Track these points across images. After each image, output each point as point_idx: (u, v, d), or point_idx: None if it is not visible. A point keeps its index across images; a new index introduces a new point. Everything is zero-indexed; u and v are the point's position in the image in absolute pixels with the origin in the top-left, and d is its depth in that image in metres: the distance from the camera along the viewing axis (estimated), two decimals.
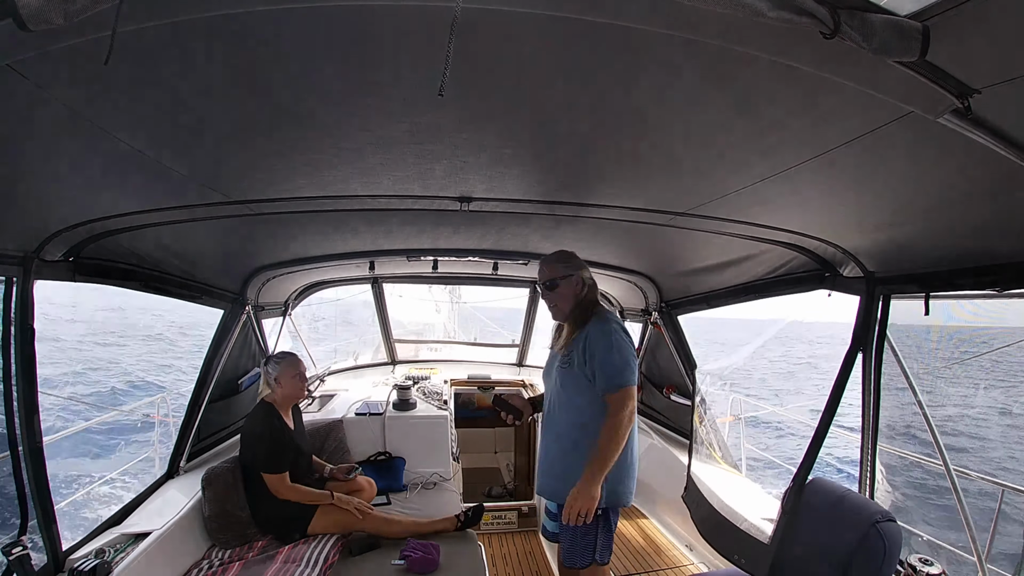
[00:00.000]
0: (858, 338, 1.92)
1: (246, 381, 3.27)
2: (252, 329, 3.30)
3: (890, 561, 1.65)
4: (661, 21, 0.71)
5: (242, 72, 0.90)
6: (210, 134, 1.18)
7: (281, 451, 2.53)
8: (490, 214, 1.99)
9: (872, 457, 2.02)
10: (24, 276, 1.65)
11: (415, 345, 6.32)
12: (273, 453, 2.50)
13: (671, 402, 3.49)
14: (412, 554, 2.33)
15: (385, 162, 1.38)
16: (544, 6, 0.70)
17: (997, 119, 0.88)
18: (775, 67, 0.81)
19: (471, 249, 2.94)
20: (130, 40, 0.73)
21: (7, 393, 1.66)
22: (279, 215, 1.94)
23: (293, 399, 2.76)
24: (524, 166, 1.41)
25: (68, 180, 1.38)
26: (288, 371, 2.68)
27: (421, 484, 3.47)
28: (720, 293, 2.83)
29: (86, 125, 1.04)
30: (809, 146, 1.12)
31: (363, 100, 1.01)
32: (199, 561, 2.28)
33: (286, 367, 2.69)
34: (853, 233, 1.69)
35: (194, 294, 2.60)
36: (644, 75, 0.90)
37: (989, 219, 1.30)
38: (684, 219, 1.86)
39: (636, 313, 3.97)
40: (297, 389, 2.72)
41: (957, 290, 1.61)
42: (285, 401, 2.71)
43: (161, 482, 2.61)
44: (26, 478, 1.72)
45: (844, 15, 0.64)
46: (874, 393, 1.99)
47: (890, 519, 1.70)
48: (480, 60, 0.86)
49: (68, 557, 1.87)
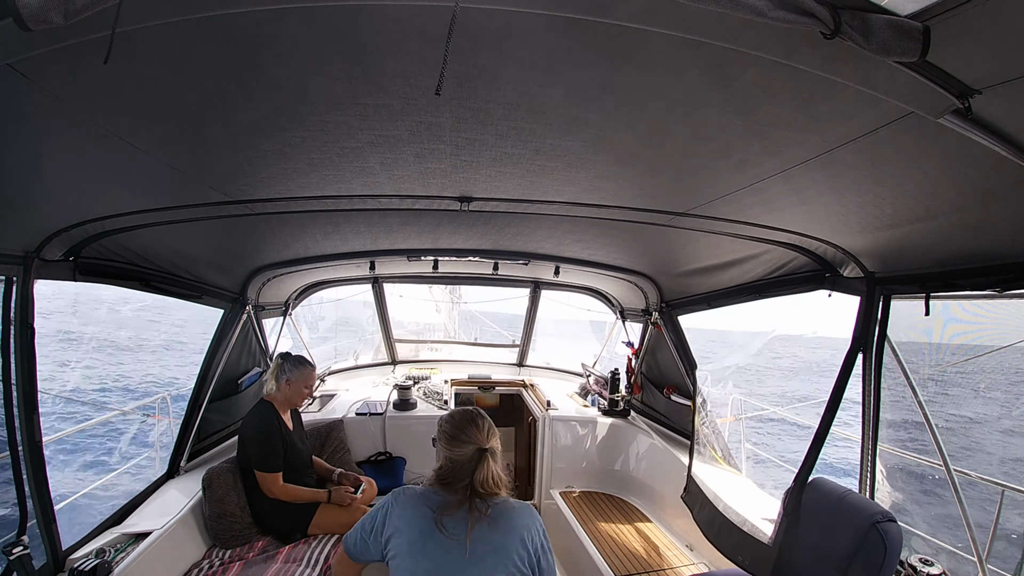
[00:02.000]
0: (858, 338, 1.92)
1: (246, 381, 3.27)
2: (252, 329, 3.31)
3: (890, 562, 1.65)
4: (661, 21, 0.71)
5: (242, 72, 0.90)
6: (210, 134, 1.18)
7: (276, 450, 2.53)
8: (490, 214, 1.99)
9: (872, 457, 2.02)
10: (24, 275, 1.65)
11: (415, 345, 6.33)
12: (267, 452, 2.50)
13: (671, 402, 3.48)
14: None
15: (385, 162, 1.38)
16: (544, 6, 0.70)
17: (997, 119, 0.88)
18: (775, 67, 0.81)
19: (471, 249, 2.94)
20: (130, 40, 0.73)
21: (7, 393, 1.66)
22: (279, 215, 1.94)
23: (293, 404, 2.78)
24: (524, 166, 1.41)
25: (68, 180, 1.38)
26: (302, 378, 2.71)
27: (421, 484, 3.47)
28: (720, 293, 2.82)
29: (86, 125, 1.04)
30: (810, 146, 1.12)
31: (363, 100, 1.01)
32: (199, 561, 2.27)
33: (302, 374, 2.71)
34: (853, 233, 1.69)
35: (194, 294, 2.60)
36: (644, 75, 0.90)
37: (989, 219, 1.30)
38: (684, 219, 1.86)
39: (636, 313, 3.97)
40: (300, 397, 2.75)
41: (957, 290, 1.60)
42: (285, 403, 2.72)
43: (161, 482, 2.61)
44: (26, 478, 1.72)
45: (845, 15, 0.64)
46: (874, 393, 1.98)
47: (890, 519, 1.70)
48: (479, 60, 0.86)
49: (68, 557, 1.87)
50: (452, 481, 1.52)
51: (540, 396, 4.27)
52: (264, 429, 2.54)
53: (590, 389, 4.38)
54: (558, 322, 13.79)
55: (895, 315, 1.92)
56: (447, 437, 1.57)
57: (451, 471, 1.53)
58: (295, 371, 2.69)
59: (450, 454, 1.54)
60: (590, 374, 4.48)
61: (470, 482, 1.49)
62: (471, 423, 1.57)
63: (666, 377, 3.62)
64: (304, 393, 2.74)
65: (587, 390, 4.44)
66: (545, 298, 5.00)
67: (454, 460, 1.53)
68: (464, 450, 1.52)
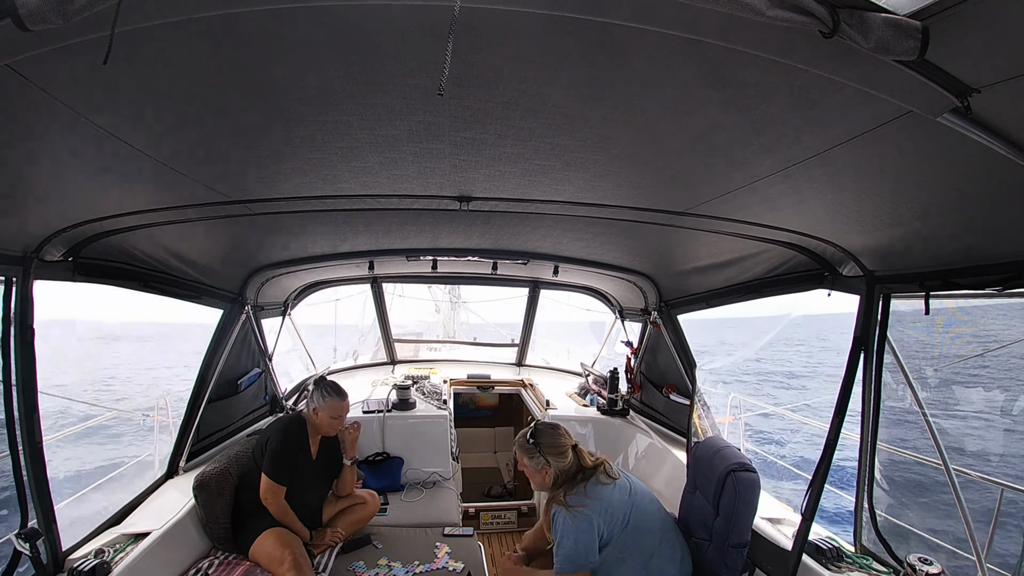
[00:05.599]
0: (859, 338, 1.92)
1: (245, 381, 3.27)
2: (251, 329, 3.31)
3: (745, 502, 1.98)
4: (660, 20, 0.71)
5: (241, 71, 0.90)
6: (210, 134, 1.18)
7: (289, 464, 2.47)
8: (489, 213, 1.99)
9: (871, 456, 2.02)
10: (24, 276, 1.65)
11: (415, 345, 6.34)
12: (280, 462, 2.44)
13: (670, 401, 3.49)
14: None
15: (385, 162, 1.38)
16: (543, 6, 0.70)
17: (997, 119, 0.88)
18: (774, 66, 0.81)
19: (470, 248, 2.94)
20: (129, 40, 0.73)
21: (7, 393, 1.66)
22: (279, 215, 1.94)
23: (324, 432, 2.67)
24: (523, 165, 1.41)
25: (67, 180, 1.38)
26: (330, 410, 2.58)
27: (420, 484, 3.47)
28: (719, 292, 2.82)
29: (85, 125, 1.04)
30: (808, 145, 1.12)
31: (362, 100, 1.01)
32: (199, 561, 2.28)
33: (330, 405, 2.58)
34: (852, 232, 1.69)
35: (193, 294, 2.60)
36: (644, 74, 0.90)
37: (989, 218, 1.30)
38: (683, 218, 1.86)
39: (636, 313, 3.97)
40: (329, 427, 2.63)
41: (957, 289, 1.60)
42: (317, 428, 2.63)
43: (161, 482, 2.61)
44: (26, 478, 1.72)
45: (843, 14, 0.64)
46: (874, 392, 1.99)
47: (747, 469, 2.03)
48: (479, 59, 0.86)
49: (68, 557, 1.87)
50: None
51: (539, 396, 4.27)
52: (285, 440, 2.49)
53: (589, 388, 4.38)
54: (557, 325, 13.54)
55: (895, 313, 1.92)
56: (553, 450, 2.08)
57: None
58: (323, 400, 2.58)
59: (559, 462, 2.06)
60: (589, 373, 4.48)
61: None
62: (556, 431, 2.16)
63: (665, 376, 3.62)
64: (334, 424, 2.61)
65: (586, 389, 4.44)
66: (544, 297, 5.01)
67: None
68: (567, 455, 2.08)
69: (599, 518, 1.91)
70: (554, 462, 2.04)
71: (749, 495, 2.00)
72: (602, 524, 1.91)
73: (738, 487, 1.99)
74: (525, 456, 2.11)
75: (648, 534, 1.98)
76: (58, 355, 43.99)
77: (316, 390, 2.62)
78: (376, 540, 2.67)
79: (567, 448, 2.08)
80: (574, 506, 1.93)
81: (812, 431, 6.25)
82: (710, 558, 2.05)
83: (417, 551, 2.57)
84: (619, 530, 1.94)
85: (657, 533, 2.01)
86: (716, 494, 2.08)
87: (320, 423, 2.60)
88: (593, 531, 1.90)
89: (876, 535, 2.04)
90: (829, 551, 1.97)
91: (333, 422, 2.61)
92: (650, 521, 2.02)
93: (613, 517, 1.94)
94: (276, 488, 2.41)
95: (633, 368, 4.05)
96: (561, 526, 1.92)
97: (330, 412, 2.58)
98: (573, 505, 1.93)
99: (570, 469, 2.04)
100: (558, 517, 1.94)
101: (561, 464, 2.04)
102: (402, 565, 2.46)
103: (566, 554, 1.89)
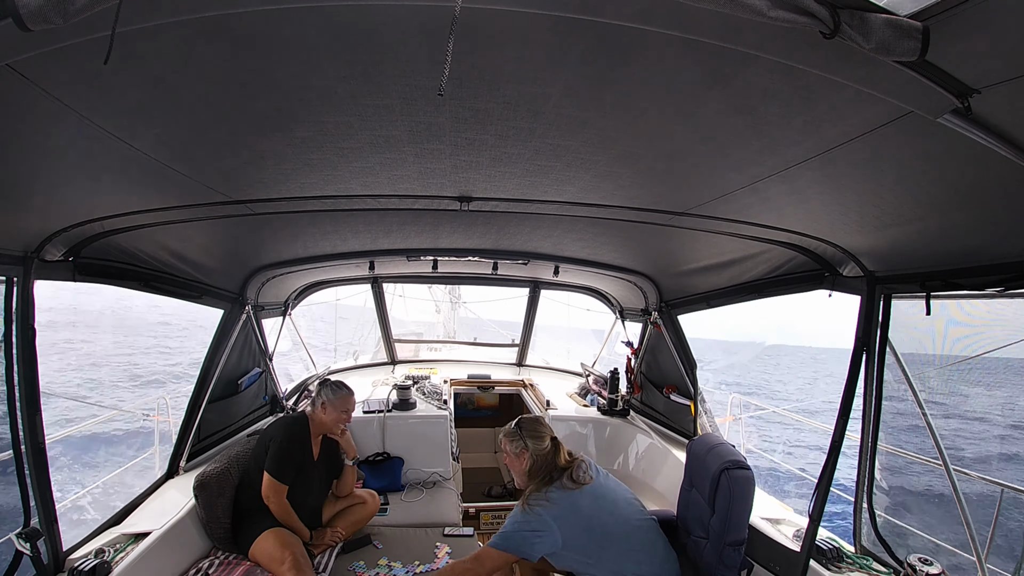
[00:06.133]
0: (861, 339, 1.92)
1: (246, 381, 3.27)
2: (252, 329, 3.30)
3: (740, 500, 2.00)
4: (661, 20, 0.71)
5: (241, 72, 0.90)
6: (210, 134, 1.18)
7: (292, 463, 2.47)
8: (490, 213, 1.99)
9: (871, 456, 2.02)
10: (24, 276, 1.65)
11: (415, 345, 6.33)
12: (283, 459, 2.44)
13: (671, 402, 3.49)
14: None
15: (385, 162, 1.38)
16: (544, 6, 0.70)
17: (997, 119, 0.88)
18: (775, 67, 0.81)
19: (471, 249, 2.94)
20: (130, 40, 0.73)
21: (9, 394, 1.66)
22: (279, 215, 1.94)
23: (328, 430, 2.65)
24: (523, 165, 1.41)
25: (68, 180, 1.38)
26: (338, 405, 2.60)
27: (420, 484, 3.47)
28: (720, 293, 2.82)
29: (86, 125, 1.04)
30: (809, 145, 1.12)
31: (363, 100, 1.01)
32: (199, 561, 2.28)
33: (338, 400, 2.60)
34: (853, 233, 1.69)
35: (194, 294, 2.60)
36: (644, 74, 0.90)
37: (989, 219, 1.30)
38: (684, 219, 1.86)
39: (636, 313, 3.97)
40: (336, 422, 2.62)
41: (957, 290, 1.61)
42: (320, 427, 2.63)
43: (161, 482, 2.61)
44: (28, 478, 1.72)
45: (844, 15, 0.64)
46: (876, 392, 1.99)
47: (741, 466, 2.03)
48: (479, 60, 0.86)
49: (68, 557, 1.87)
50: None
51: (539, 396, 4.27)
52: (288, 439, 2.49)
53: (589, 389, 4.38)
54: (557, 329, 13.47)
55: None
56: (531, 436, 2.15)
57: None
58: (331, 396, 2.59)
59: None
60: (589, 374, 4.49)
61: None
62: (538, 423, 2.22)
63: (666, 376, 3.62)
64: (342, 418, 2.62)
65: (586, 390, 4.44)
66: (544, 297, 5.01)
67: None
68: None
69: (554, 522, 1.92)
70: (532, 444, 2.10)
71: (744, 493, 2.00)
72: (555, 528, 1.92)
73: (732, 485, 2.00)
74: (507, 441, 2.17)
75: (620, 538, 1.98)
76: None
77: (323, 387, 2.64)
78: (376, 540, 2.67)
79: (546, 436, 2.16)
80: (532, 504, 1.99)
81: (806, 429, 6.22)
82: (708, 556, 2.05)
83: (417, 551, 2.57)
84: (581, 535, 1.94)
85: (632, 537, 2.00)
86: (711, 492, 2.09)
87: (326, 420, 2.60)
88: (540, 530, 1.92)
89: (876, 535, 2.04)
90: (829, 551, 1.97)
91: (342, 416, 2.62)
92: (623, 525, 2.01)
93: (573, 523, 1.94)
94: (279, 487, 2.41)
95: (633, 368, 4.05)
96: (512, 515, 2.01)
97: (340, 406, 2.60)
98: (531, 504, 1.99)
99: (546, 455, 2.10)
100: (515, 508, 2.04)
101: (539, 447, 2.10)
102: (402, 565, 2.46)
103: (501, 533, 1.98)
